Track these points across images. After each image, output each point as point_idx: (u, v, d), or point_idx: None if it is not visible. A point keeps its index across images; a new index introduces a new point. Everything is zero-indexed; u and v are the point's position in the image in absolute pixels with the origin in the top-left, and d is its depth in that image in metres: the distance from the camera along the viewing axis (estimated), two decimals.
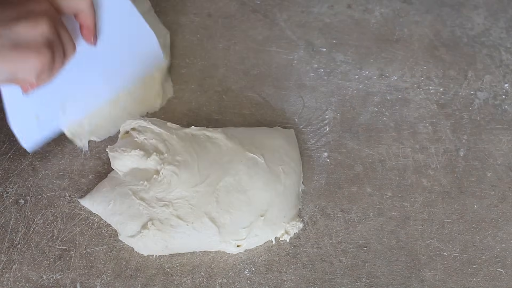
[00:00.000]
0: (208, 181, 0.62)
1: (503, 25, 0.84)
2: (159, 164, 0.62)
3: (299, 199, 0.66)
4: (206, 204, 0.61)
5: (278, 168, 0.64)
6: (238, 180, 0.62)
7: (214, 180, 0.62)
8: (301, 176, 0.67)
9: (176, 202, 0.61)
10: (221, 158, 0.63)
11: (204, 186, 0.62)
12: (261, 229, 0.62)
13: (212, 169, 0.63)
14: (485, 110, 0.75)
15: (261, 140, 0.66)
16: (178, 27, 0.82)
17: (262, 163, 0.64)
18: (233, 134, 0.66)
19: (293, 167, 0.66)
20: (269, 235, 0.62)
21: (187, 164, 0.62)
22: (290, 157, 0.66)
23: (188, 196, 0.61)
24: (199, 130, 0.66)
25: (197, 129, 0.66)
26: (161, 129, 0.64)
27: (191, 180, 0.62)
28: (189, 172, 0.62)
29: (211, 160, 0.63)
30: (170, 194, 0.61)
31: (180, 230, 0.60)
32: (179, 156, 0.62)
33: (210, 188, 0.62)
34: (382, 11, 0.85)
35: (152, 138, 0.63)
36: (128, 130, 0.65)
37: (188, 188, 0.61)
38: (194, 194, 0.61)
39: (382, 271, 0.62)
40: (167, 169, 0.61)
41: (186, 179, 0.61)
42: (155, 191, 0.61)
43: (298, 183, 0.66)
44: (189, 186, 0.61)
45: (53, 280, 0.60)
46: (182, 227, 0.60)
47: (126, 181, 0.63)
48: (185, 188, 0.61)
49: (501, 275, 0.62)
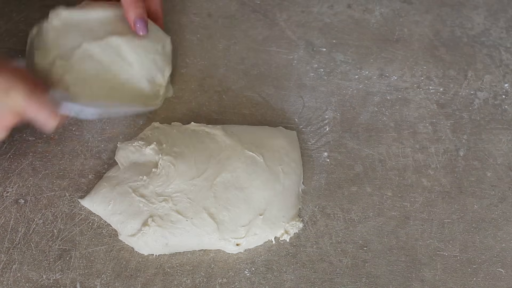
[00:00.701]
0: (205, 175, 0.63)
1: (503, 25, 0.84)
2: (158, 154, 0.63)
3: (299, 199, 0.66)
4: (204, 199, 0.62)
5: (277, 168, 0.64)
6: (236, 177, 0.63)
7: (211, 175, 0.63)
8: (302, 177, 0.67)
9: (175, 196, 0.62)
10: (218, 154, 0.64)
11: (201, 180, 0.62)
12: (260, 228, 0.62)
13: (209, 163, 0.63)
14: (485, 110, 0.75)
15: (262, 139, 0.67)
16: (178, 27, 0.82)
17: (261, 162, 0.64)
18: (233, 132, 0.67)
19: (293, 167, 0.66)
20: (268, 234, 0.63)
21: (184, 155, 0.63)
22: (291, 158, 0.66)
23: (186, 190, 0.62)
24: (199, 126, 0.67)
25: (197, 125, 0.67)
26: (163, 125, 0.67)
27: (188, 172, 0.63)
28: (186, 164, 0.63)
29: (208, 154, 0.64)
30: (168, 188, 0.62)
31: (180, 226, 0.61)
32: (176, 148, 0.64)
33: (208, 182, 0.62)
34: (382, 11, 0.85)
35: (154, 131, 0.66)
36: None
37: (186, 181, 0.62)
38: (192, 188, 0.62)
39: (382, 271, 0.62)
40: (165, 159, 0.63)
41: (183, 171, 0.63)
42: (154, 185, 0.62)
43: (298, 184, 0.66)
44: (186, 179, 0.62)
45: (53, 280, 0.60)
46: (182, 222, 0.61)
47: (125, 179, 0.63)
48: (182, 180, 0.62)
49: (501, 275, 0.62)
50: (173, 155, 0.63)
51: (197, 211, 0.61)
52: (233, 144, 0.65)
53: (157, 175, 0.63)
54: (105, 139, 0.70)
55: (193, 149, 0.64)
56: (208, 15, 0.83)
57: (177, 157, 0.63)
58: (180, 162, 0.63)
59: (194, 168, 0.63)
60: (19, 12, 0.82)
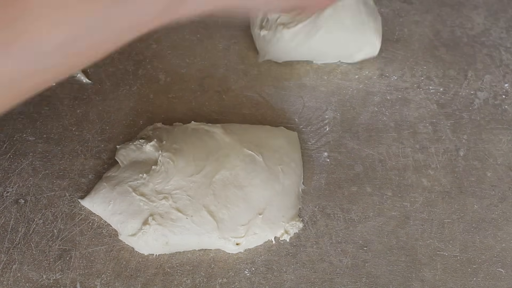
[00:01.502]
0: (204, 172, 0.63)
1: (503, 25, 0.84)
2: (158, 151, 0.64)
3: (299, 199, 0.66)
4: (203, 196, 0.62)
5: (277, 168, 0.64)
6: (235, 175, 0.63)
7: (210, 172, 0.63)
8: (302, 178, 0.67)
9: (175, 193, 0.62)
10: (217, 152, 0.64)
11: (200, 177, 0.63)
12: (260, 228, 0.62)
13: (208, 160, 0.64)
14: (485, 110, 0.75)
15: (261, 139, 0.67)
16: (178, 27, 0.82)
17: (260, 161, 0.64)
18: (232, 130, 0.67)
19: (293, 167, 0.66)
20: (268, 234, 0.63)
21: (183, 152, 0.64)
22: (291, 158, 0.66)
23: (186, 187, 0.62)
24: (198, 125, 0.68)
25: (197, 124, 0.68)
26: (165, 126, 0.68)
27: (187, 169, 0.63)
28: (184, 161, 0.63)
29: (207, 152, 0.64)
30: (168, 185, 0.62)
31: (180, 224, 0.61)
32: (176, 145, 0.65)
33: (207, 180, 0.63)
34: (382, 11, 0.85)
35: (155, 131, 0.67)
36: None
37: (185, 178, 0.63)
38: (191, 185, 0.62)
39: (382, 271, 0.62)
40: (164, 155, 0.63)
41: (182, 168, 0.63)
42: (154, 183, 0.62)
43: (298, 184, 0.66)
44: (185, 176, 0.63)
45: (53, 280, 0.60)
46: (182, 220, 0.61)
47: (125, 178, 0.64)
48: (181, 177, 0.63)
49: (501, 275, 0.62)
50: (172, 151, 0.64)
51: (196, 208, 0.61)
52: (232, 142, 0.65)
53: (156, 172, 0.63)
54: (105, 139, 0.70)
55: (192, 146, 0.64)
56: (208, 15, 0.83)
57: (176, 153, 0.64)
58: (179, 158, 0.63)
59: (192, 165, 0.63)
60: None
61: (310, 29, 0.74)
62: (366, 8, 0.76)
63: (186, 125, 0.68)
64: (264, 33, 0.76)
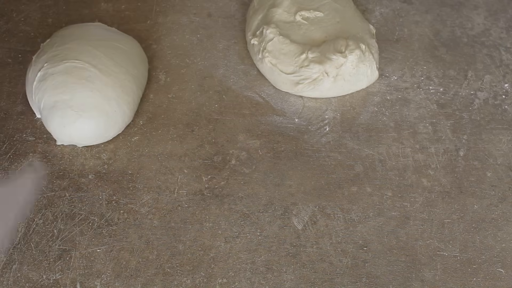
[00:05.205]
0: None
1: (503, 25, 0.84)
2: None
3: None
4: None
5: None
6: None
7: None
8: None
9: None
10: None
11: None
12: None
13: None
14: (485, 110, 0.75)
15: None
16: (178, 27, 0.82)
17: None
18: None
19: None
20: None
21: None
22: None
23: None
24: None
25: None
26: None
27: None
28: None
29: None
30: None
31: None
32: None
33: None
34: (382, 11, 0.85)
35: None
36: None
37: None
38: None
39: (382, 271, 0.62)
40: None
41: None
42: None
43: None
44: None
45: (53, 280, 0.60)
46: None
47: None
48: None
49: (501, 275, 0.62)
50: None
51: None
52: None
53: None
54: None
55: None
56: (208, 15, 0.83)
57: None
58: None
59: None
60: (19, 12, 0.82)
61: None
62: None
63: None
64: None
